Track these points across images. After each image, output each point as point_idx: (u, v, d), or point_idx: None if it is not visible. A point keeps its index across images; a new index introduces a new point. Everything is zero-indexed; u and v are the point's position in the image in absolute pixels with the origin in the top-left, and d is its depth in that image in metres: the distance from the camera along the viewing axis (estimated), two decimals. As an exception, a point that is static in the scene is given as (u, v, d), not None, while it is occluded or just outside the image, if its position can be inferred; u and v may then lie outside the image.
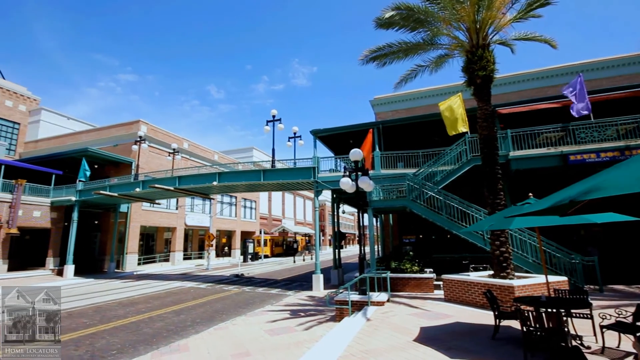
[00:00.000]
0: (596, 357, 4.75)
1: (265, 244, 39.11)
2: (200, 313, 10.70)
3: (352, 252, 51.65)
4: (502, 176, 10.02)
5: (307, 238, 55.80)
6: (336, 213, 19.26)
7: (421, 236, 17.49)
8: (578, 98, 11.69)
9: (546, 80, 17.37)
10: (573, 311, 5.84)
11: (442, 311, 8.38)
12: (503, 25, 9.93)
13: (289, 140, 18.68)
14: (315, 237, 15.63)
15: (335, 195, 18.76)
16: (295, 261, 34.75)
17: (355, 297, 8.96)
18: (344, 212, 43.08)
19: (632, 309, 5.06)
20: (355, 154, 9.35)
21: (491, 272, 9.69)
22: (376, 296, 9.47)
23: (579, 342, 5.32)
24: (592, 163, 11.17)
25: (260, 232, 39.44)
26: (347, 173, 9.56)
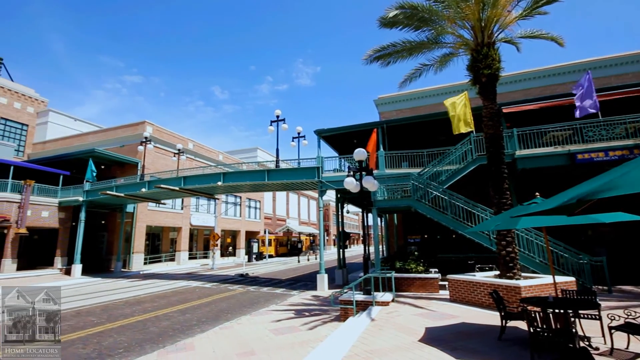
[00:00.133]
0: (604, 359, 4.68)
1: (269, 244, 39.21)
2: (205, 312, 10.75)
3: (357, 252, 51.57)
4: (508, 175, 9.93)
5: (312, 238, 55.83)
6: (340, 213, 19.24)
7: (426, 236, 17.41)
8: (586, 96, 11.53)
9: (553, 78, 17.19)
10: (581, 312, 5.76)
11: (448, 311, 8.33)
12: (508, 23, 9.84)
13: (293, 140, 18.71)
14: (319, 237, 15.63)
15: (339, 195, 18.74)
16: (299, 261, 34.79)
17: (359, 297, 8.94)
18: (348, 212, 43.06)
19: (642, 310, 4.98)
20: (359, 154, 9.32)
21: (497, 273, 9.60)
22: (381, 296, 9.44)
23: (587, 344, 5.25)
24: (600, 162, 11.02)
25: (264, 232, 39.60)
26: (352, 173, 9.55)
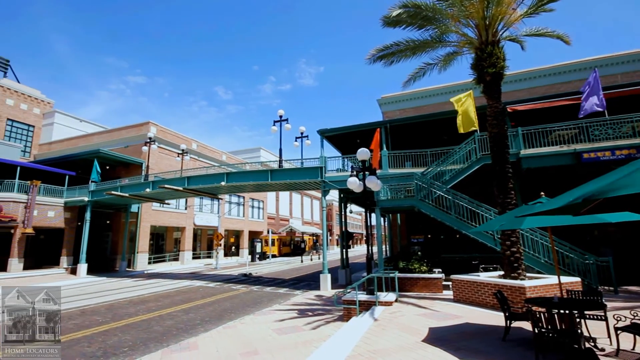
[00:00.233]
0: (611, 360, 4.63)
1: (272, 244, 39.27)
2: (209, 312, 10.79)
3: (360, 252, 51.50)
4: (513, 175, 9.86)
5: (315, 238, 55.84)
6: (343, 213, 19.22)
7: (430, 236, 17.34)
8: (592, 94, 11.41)
9: (558, 76, 17.04)
10: (586, 312, 5.70)
11: (451, 312, 8.29)
12: (513, 21, 9.76)
13: (296, 140, 18.72)
14: (322, 237, 15.63)
15: (342, 195, 18.71)
16: (302, 261, 34.81)
17: (363, 297, 8.92)
18: (352, 212, 43.00)
19: (649, 311, 4.92)
20: (362, 154, 9.30)
21: (501, 273, 9.54)
22: (384, 296, 9.42)
23: (593, 344, 5.20)
24: (607, 161, 10.90)
25: (268, 232, 39.64)
26: (355, 172, 9.54)
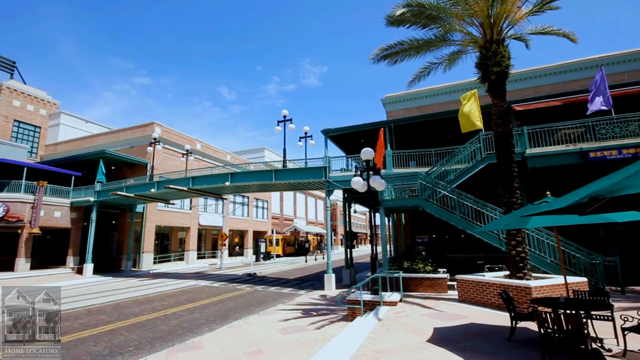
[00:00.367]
0: (618, 361, 4.59)
1: (277, 244, 39.35)
2: (214, 311, 10.84)
3: (364, 252, 51.45)
4: (518, 174, 9.79)
5: (319, 238, 55.87)
6: (348, 212, 19.21)
7: (434, 236, 17.27)
8: (598, 92, 11.30)
9: (564, 75, 16.90)
10: (593, 313, 5.65)
11: (456, 312, 8.25)
12: (518, 19, 9.69)
13: (300, 140, 18.73)
14: (326, 237, 15.63)
15: (346, 194, 18.70)
16: (307, 261, 34.84)
17: (367, 297, 8.91)
18: (356, 212, 42.97)
19: (657, 311, 4.87)
20: (366, 153, 9.29)
21: (507, 273, 9.48)
22: (388, 296, 9.40)
23: (600, 345, 5.15)
24: (614, 160, 10.79)
25: (272, 232, 39.76)
26: (359, 172, 9.53)
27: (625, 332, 4.77)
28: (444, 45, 11.09)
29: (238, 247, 39.89)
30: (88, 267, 21.77)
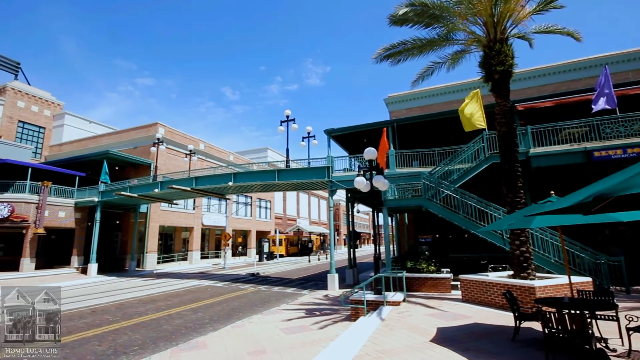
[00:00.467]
0: (623, 361, 4.56)
1: (280, 244, 39.40)
2: (217, 311, 10.88)
3: (367, 252, 51.37)
4: (522, 174, 9.76)
5: (322, 237, 55.87)
6: (351, 212, 19.19)
7: (437, 235, 17.22)
8: (603, 91, 11.23)
9: (568, 74, 16.79)
10: (598, 313, 5.62)
11: (460, 312, 8.23)
12: (522, 18, 9.65)
13: (303, 140, 18.74)
14: (330, 237, 15.63)
15: (349, 194, 18.70)
16: (310, 260, 34.86)
17: (370, 297, 8.91)
18: (359, 212, 42.90)
19: (662, 312, 4.84)
20: (369, 153, 9.29)
21: (511, 273, 9.45)
22: (392, 296, 9.39)
23: (604, 345, 5.12)
24: (618, 159, 10.72)
25: (275, 232, 39.80)
26: (362, 172, 9.53)
27: (630, 332, 4.75)
28: (447, 44, 11.06)
29: (241, 247, 39.98)
30: (92, 267, 21.91)
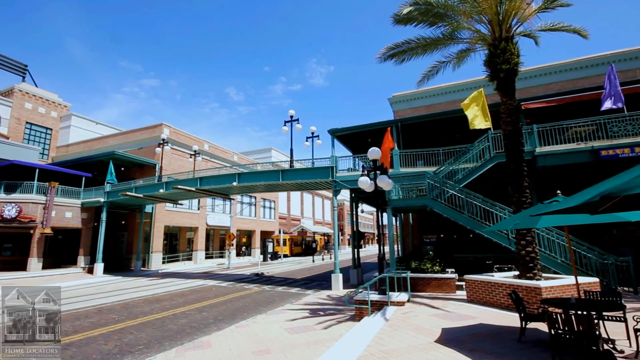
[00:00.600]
0: (631, 363, 4.50)
1: (284, 244, 39.47)
2: (222, 311, 10.92)
3: (371, 252, 51.28)
4: (528, 173, 9.67)
5: (326, 238, 55.86)
6: (355, 212, 19.17)
7: (442, 235, 17.14)
8: (610, 90, 11.10)
9: (575, 72, 16.61)
10: (605, 314, 5.55)
11: (465, 312, 8.18)
12: (528, 16, 9.57)
13: (307, 140, 18.75)
14: (334, 237, 15.62)
15: (353, 194, 18.67)
16: (314, 261, 34.87)
17: (374, 297, 8.89)
18: (363, 212, 42.80)
19: (672, 313, 4.76)
20: (373, 153, 9.27)
21: (516, 273, 9.37)
22: (396, 296, 9.36)
23: (611, 346, 5.06)
24: (626, 158, 10.58)
25: (279, 232, 39.89)
26: (366, 172, 9.50)
27: (638, 334, 4.68)
28: (452, 43, 11.00)
29: (245, 247, 40.10)
30: (98, 267, 22.11)
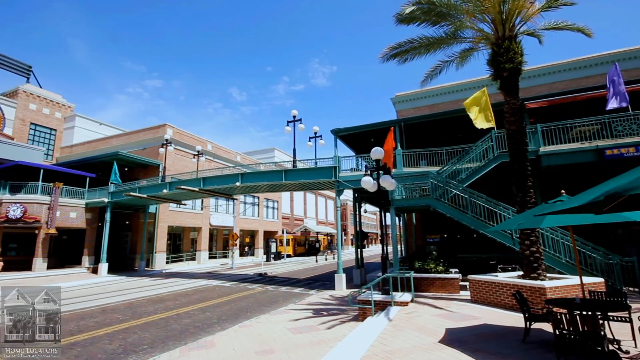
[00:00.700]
0: (637, 364, 4.47)
1: (287, 244, 39.49)
2: (225, 311, 10.95)
3: (375, 252, 51.21)
4: (532, 173, 9.62)
5: (329, 238, 55.86)
6: (358, 212, 19.15)
7: (446, 235, 17.08)
8: (614, 88, 11.01)
9: (579, 71, 16.50)
10: (610, 314, 5.51)
11: (469, 312, 8.15)
12: (531, 15, 9.51)
13: (310, 140, 18.77)
14: (337, 237, 15.62)
15: (356, 194, 18.66)
16: (317, 261, 34.88)
17: (378, 297, 8.88)
18: (366, 212, 42.81)
19: (678, 313, 4.72)
20: (376, 153, 9.26)
21: (521, 273, 9.32)
22: (399, 296, 9.34)
23: (617, 347, 5.02)
24: (631, 157, 10.49)
25: (282, 232, 39.91)
26: (369, 172, 9.50)
27: (644, 334, 4.65)
28: (455, 42, 10.96)
29: (249, 247, 40.18)
30: (103, 267, 22.24)
